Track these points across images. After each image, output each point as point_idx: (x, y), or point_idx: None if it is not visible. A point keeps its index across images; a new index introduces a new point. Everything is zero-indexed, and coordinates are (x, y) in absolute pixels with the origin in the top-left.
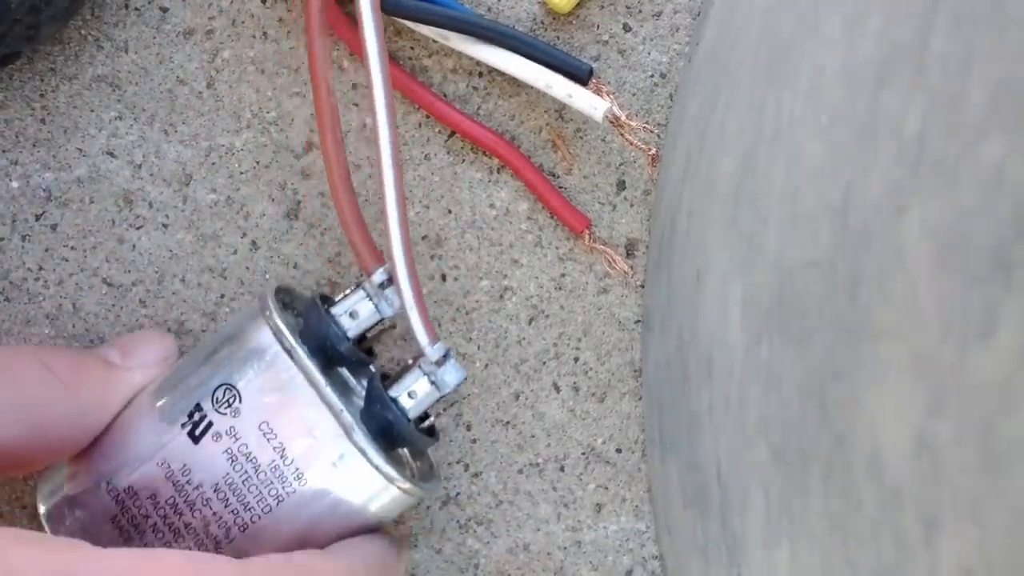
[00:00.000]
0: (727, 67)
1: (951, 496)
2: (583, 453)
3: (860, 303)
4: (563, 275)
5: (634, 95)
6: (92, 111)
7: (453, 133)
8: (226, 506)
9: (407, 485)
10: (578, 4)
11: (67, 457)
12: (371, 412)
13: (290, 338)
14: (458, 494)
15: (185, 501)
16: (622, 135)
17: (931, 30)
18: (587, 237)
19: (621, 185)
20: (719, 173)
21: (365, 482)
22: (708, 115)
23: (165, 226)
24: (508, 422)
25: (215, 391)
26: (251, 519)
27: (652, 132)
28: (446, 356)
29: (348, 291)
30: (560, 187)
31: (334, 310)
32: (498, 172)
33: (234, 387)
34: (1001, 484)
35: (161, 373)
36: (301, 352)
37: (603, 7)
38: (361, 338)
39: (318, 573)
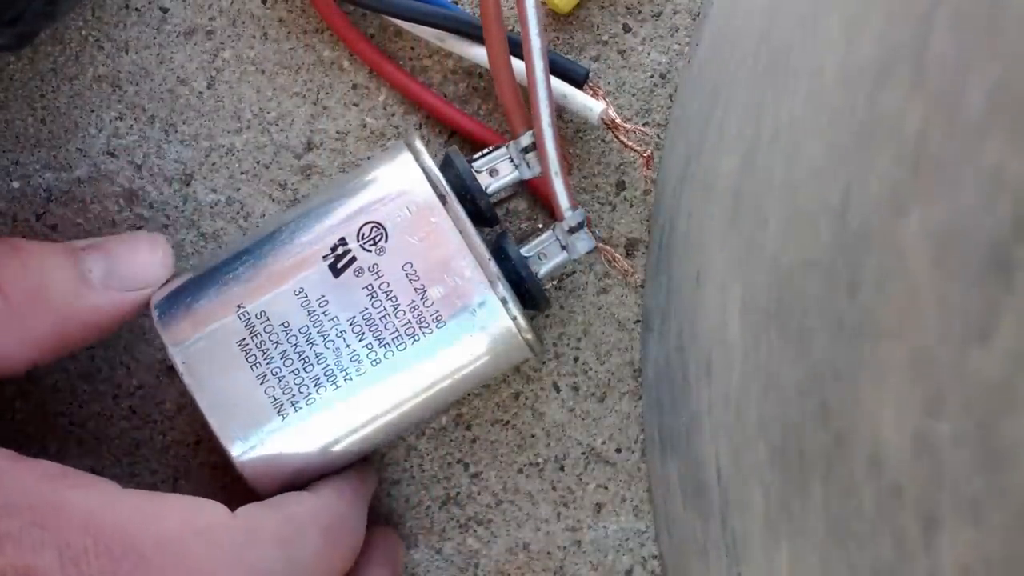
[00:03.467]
0: (727, 67)
1: (951, 496)
2: (583, 453)
3: (860, 303)
4: (563, 275)
5: (634, 95)
6: (93, 111)
7: (453, 133)
8: (360, 340)
9: (531, 337)
10: (578, 4)
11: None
12: (504, 267)
13: (444, 183)
14: (458, 494)
15: (319, 331)
16: (617, 137)
17: (931, 30)
18: None
19: (621, 185)
20: (719, 173)
21: (499, 330)
22: (708, 115)
23: (166, 226)
24: (508, 422)
25: (361, 227)
26: (384, 355)
27: (648, 135)
28: (581, 224)
29: (488, 150)
30: None
31: (475, 164)
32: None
33: (382, 226)
34: (1001, 484)
35: (141, 306)
36: (454, 199)
37: (603, 7)
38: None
39: (300, 514)
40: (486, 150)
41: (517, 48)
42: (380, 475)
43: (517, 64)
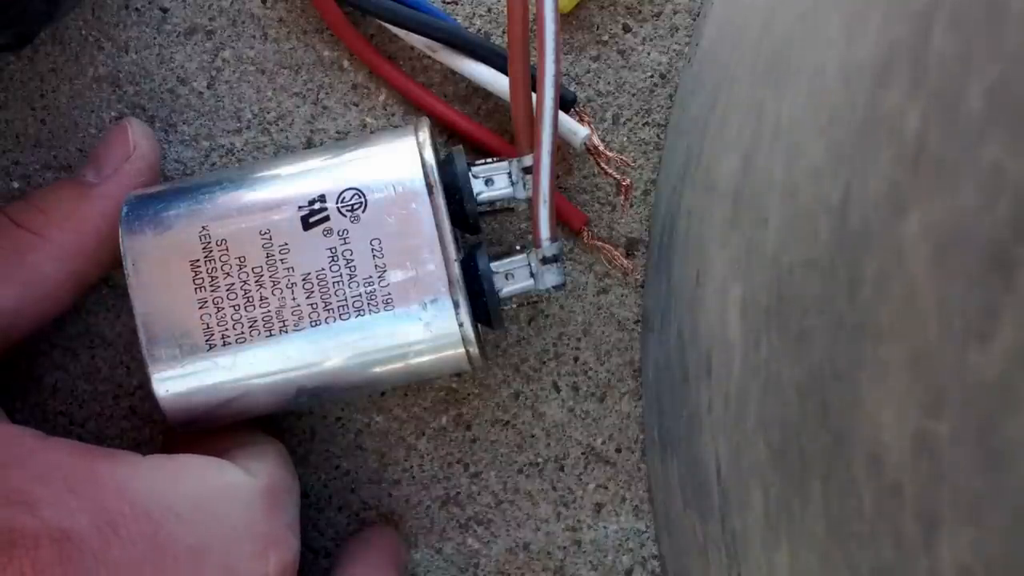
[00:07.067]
0: (727, 67)
1: (951, 496)
2: (583, 453)
3: (859, 303)
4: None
5: (634, 95)
6: (92, 111)
7: (453, 133)
8: (308, 298)
9: (474, 349)
10: (578, 4)
11: (75, 297)
12: (467, 274)
13: (436, 175)
14: (458, 494)
15: (271, 277)
16: (598, 163)
17: (931, 30)
18: (586, 234)
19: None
20: (719, 173)
21: (443, 333)
22: (708, 115)
23: None
24: (508, 422)
25: (344, 191)
26: (324, 319)
27: (630, 165)
28: (556, 258)
29: (492, 160)
30: (560, 187)
31: (474, 169)
32: None
33: (364, 196)
34: (1001, 484)
35: (140, 169)
36: (440, 192)
37: (603, 7)
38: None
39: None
40: (490, 159)
41: (504, 65)
42: (380, 475)
43: (506, 84)
